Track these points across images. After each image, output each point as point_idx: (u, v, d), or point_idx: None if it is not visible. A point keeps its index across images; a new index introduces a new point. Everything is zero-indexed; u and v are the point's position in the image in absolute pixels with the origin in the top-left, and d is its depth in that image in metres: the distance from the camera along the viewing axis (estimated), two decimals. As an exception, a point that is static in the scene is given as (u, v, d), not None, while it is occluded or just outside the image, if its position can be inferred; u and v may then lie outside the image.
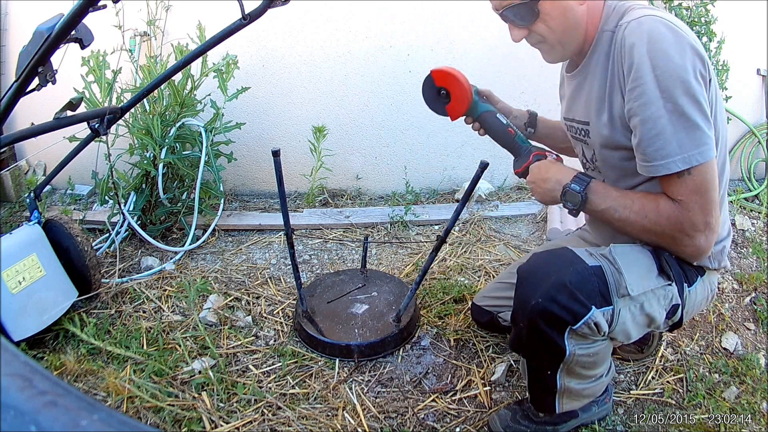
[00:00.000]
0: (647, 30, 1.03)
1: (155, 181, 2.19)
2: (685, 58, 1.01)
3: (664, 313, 1.19)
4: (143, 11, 2.50)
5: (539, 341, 1.15)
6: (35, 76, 1.23)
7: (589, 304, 1.09)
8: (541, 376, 1.23)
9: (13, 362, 0.33)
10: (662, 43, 1.01)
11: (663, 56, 1.01)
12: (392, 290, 1.85)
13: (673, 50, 1.00)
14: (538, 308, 1.10)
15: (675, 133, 1.02)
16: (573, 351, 1.15)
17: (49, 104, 1.58)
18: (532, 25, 1.14)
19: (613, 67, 1.12)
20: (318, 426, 1.39)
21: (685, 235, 1.08)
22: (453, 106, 1.40)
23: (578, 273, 1.10)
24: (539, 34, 1.16)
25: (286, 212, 1.58)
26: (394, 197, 2.76)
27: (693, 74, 1.01)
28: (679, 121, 1.01)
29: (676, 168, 1.03)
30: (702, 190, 1.05)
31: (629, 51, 1.05)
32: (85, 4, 1.06)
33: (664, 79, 1.01)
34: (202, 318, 1.77)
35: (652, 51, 1.01)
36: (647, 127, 1.04)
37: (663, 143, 1.03)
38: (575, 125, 1.30)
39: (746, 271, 2.16)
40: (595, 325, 1.11)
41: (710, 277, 1.28)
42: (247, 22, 1.28)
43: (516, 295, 1.18)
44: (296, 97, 2.70)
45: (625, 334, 1.17)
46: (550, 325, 1.11)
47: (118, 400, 1.40)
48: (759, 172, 3.00)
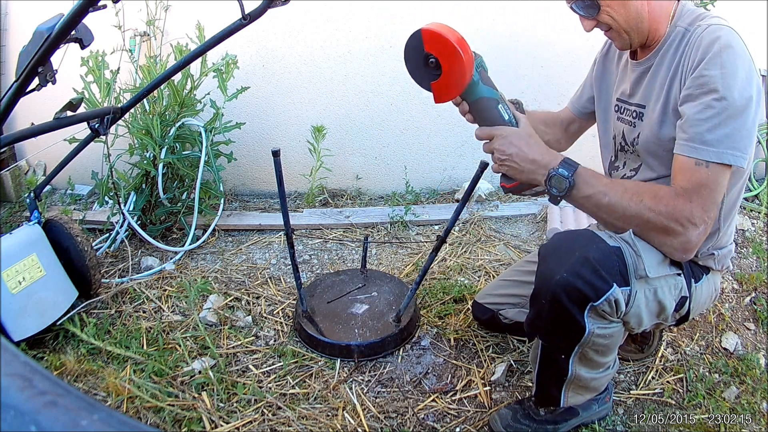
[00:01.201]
0: (726, 35, 1.08)
1: (155, 181, 2.19)
2: (751, 74, 1.07)
3: (674, 304, 1.22)
4: (143, 11, 2.50)
5: (559, 319, 1.16)
6: (35, 76, 1.23)
7: (610, 280, 1.11)
8: (555, 359, 1.24)
9: (13, 362, 0.33)
10: (735, 51, 1.07)
11: (733, 62, 1.06)
12: (392, 290, 1.85)
13: (740, 62, 1.07)
14: (563, 282, 1.11)
15: (720, 126, 1.06)
16: (592, 330, 1.15)
17: (49, 104, 1.58)
18: (598, 15, 1.19)
19: (681, 59, 1.16)
20: (318, 426, 1.39)
21: (680, 225, 1.09)
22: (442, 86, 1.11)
23: (601, 250, 1.12)
24: (605, 24, 1.21)
25: (286, 212, 1.58)
26: (394, 197, 2.76)
27: (751, 88, 1.06)
28: (728, 119, 1.05)
29: (707, 157, 1.06)
30: (711, 187, 1.07)
31: (705, 47, 1.09)
32: (85, 4, 1.06)
33: (728, 79, 1.05)
34: (202, 318, 1.77)
35: (726, 54, 1.07)
36: (699, 109, 1.08)
37: (706, 129, 1.06)
38: (630, 107, 1.32)
39: (746, 271, 2.16)
40: (615, 303, 1.12)
41: (714, 277, 1.31)
42: (247, 22, 1.28)
43: (538, 273, 1.19)
44: (296, 97, 2.70)
45: (638, 318, 1.18)
46: (572, 300, 1.12)
47: (118, 400, 1.40)
48: (759, 172, 3.00)
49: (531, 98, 2.73)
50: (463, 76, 1.09)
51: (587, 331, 1.15)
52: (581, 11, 1.21)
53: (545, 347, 1.26)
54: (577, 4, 1.20)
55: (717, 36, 1.09)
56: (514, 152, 1.19)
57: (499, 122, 1.20)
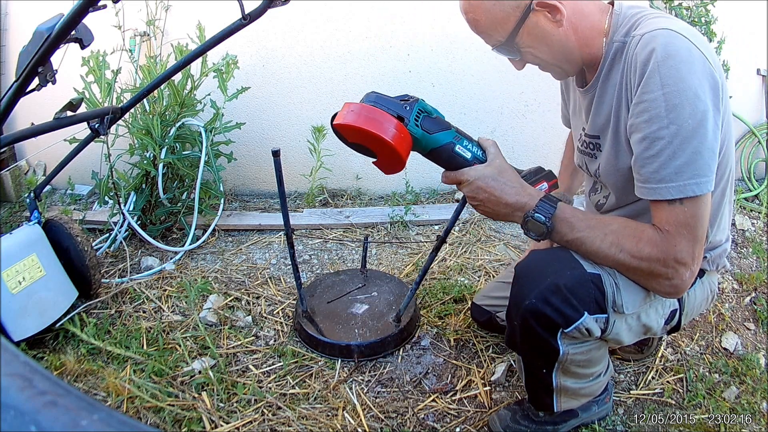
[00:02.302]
0: (661, 45, 0.96)
1: (155, 181, 2.19)
2: (698, 79, 0.95)
3: (662, 321, 1.19)
4: (143, 11, 2.50)
5: (532, 341, 1.15)
6: (35, 76, 1.23)
7: (582, 309, 1.08)
8: (538, 374, 1.23)
9: (13, 362, 0.33)
10: (675, 59, 0.95)
11: (675, 74, 0.94)
12: (392, 290, 1.85)
13: (685, 69, 0.94)
14: (531, 308, 1.09)
15: (674, 157, 0.95)
16: (567, 351, 1.15)
17: (49, 104, 1.58)
18: (523, 56, 1.15)
19: (623, 81, 1.07)
20: (318, 426, 1.39)
21: (668, 268, 1.01)
22: (384, 164, 1.06)
23: (575, 278, 1.08)
24: (533, 62, 1.16)
25: (286, 212, 1.58)
26: (394, 197, 2.76)
27: (704, 97, 0.95)
28: (681, 146, 0.95)
29: (668, 195, 0.97)
30: (691, 225, 0.98)
31: (641, 65, 0.99)
32: (85, 4, 1.06)
33: (672, 99, 0.94)
34: (202, 318, 1.77)
35: (664, 68, 0.95)
36: (646, 144, 0.99)
37: (659, 166, 0.97)
38: (587, 139, 1.25)
39: (746, 271, 2.16)
40: (587, 330, 1.10)
41: (710, 277, 1.28)
42: (247, 22, 1.28)
43: (511, 293, 1.17)
44: (296, 97, 2.70)
45: (618, 341, 1.17)
46: (542, 326, 1.11)
47: (118, 400, 1.40)
48: (759, 172, 3.00)
49: (531, 98, 2.73)
50: (400, 153, 1.00)
51: (561, 352, 1.14)
52: (506, 55, 1.16)
53: (526, 362, 1.25)
54: (498, 49, 1.15)
55: (651, 49, 0.97)
56: (485, 198, 1.09)
57: (462, 165, 1.09)
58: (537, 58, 1.14)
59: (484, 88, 2.70)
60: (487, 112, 2.75)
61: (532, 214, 1.06)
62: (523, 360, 1.26)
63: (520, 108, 2.75)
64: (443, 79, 2.68)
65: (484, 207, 1.11)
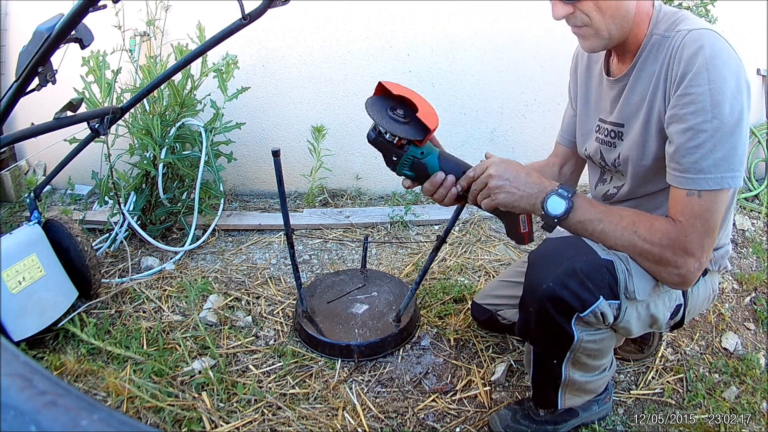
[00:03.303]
0: (709, 43, 1.01)
1: (155, 181, 2.19)
2: (737, 80, 1.00)
3: (668, 314, 1.21)
4: (143, 11, 2.50)
5: (548, 326, 1.15)
6: (35, 76, 1.23)
7: (597, 293, 1.09)
8: (548, 364, 1.24)
9: (13, 362, 0.33)
10: (720, 59, 1.00)
11: (720, 73, 0.99)
12: (392, 290, 1.85)
13: (727, 70, 1.00)
14: (549, 293, 1.10)
15: (714, 150, 1.00)
16: (581, 337, 1.15)
17: (49, 104, 1.58)
18: (578, 6, 1.07)
19: (662, 71, 1.08)
20: (318, 426, 1.39)
21: (676, 256, 1.05)
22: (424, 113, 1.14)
23: (589, 263, 1.10)
24: (585, 14, 1.07)
25: (286, 212, 1.58)
26: (394, 197, 2.76)
27: (740, 98, 1.00)
28: (721, 140, 0.99)
29: (707, 186, 1.01)
30: (705, 217, 1.03)
31: (688, 59, 1.02)
32: (85, 4, 1.06)
33: (716, 95, 0.99)
34: (202, 318, 1.77)
35: (712, 65, 0.99)
36: (689, 135, 1.02)
37: (700, 157, 1.01)
38: (608, 127, 1.26)
39: (746, 271, 2.16)
40: (602, 314, 1.11)
41: (712, 277, 1.29)
42: (247, 22, 1.28)
43: (526, 280, 1.18)
44: (296, 97, 2.70)
45: (627, 330, 1.18)
46: (558, 310, 1.11)
47: (118, 400, 1.40)
48: (759, 172, 3.00)
49: (531, 98, 2.73)
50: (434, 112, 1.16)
51: (576, 338, 1.15)
52: None
53: (537, 353, 1.26)
54: None
55: (700, 45, 1.01)
56: (512, 176, 1.12)
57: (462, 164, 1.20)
58: (596, 10, 1.06)
59: (484, 88, 2.70)
60: (487, 112, 2.75)
61: (556, 189, 1.11)
62: (534, 350, 1.26)
63: (520, 108, 2.75)
64: (443, 79, 2.68)
65: (509, 187, 1.12)
